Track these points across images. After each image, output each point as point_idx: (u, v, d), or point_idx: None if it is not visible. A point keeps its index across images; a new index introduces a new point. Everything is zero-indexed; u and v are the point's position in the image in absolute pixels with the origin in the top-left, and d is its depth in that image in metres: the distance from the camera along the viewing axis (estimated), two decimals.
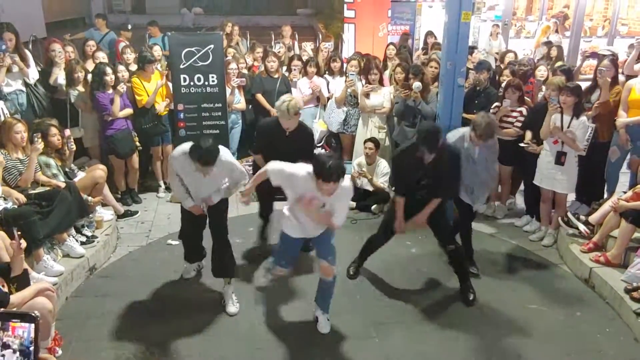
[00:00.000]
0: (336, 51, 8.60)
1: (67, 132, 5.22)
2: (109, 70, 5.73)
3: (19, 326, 2.72)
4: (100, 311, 4.20)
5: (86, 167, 5.64)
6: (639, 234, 4.63)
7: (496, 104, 5.65)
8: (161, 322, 4.09)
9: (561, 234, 5.24)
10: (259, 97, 6.73)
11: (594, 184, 5.62)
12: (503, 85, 5.89)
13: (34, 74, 5.72)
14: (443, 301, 4.44)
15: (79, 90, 5.83)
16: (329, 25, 13.21)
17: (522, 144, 5.37)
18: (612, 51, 6.50)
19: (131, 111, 5.94)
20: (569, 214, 5.18)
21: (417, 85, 5.74)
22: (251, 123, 6.91)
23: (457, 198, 4.64)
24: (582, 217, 5.15)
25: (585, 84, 5.42)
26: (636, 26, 11.42)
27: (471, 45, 7.29)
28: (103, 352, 3.75)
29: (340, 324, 4.06)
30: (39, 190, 4.59)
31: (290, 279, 4.68)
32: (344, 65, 7.09)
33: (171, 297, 4.41)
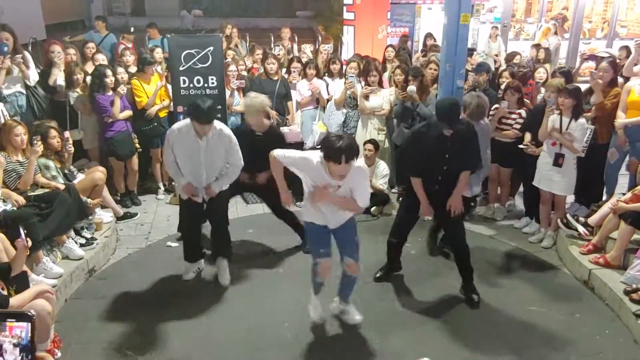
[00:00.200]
0: (335, 53, 8.61)
1: (66, 134, 5.22)
2: (109, 72, 5.74)
3: (16, 326, 2.73)
4: (100, 313, 4.20)
5: (85, 169, 5.65)
6: (638, 235, 4.63)
7: (495, 106, 5.67)
8: (160, 324, 4.09)
9: (560, 236, 5.24)
10: None
11: (593, 185, 5.63)
12: (502, 86, 5.91)
13: (33, 75, 5.73)
14: (443, 302, 4.43)
15: (78, 92, 5.84)
16: (328, 27, 13.20)
17: (521, 146, 5.39)
18: (611, 53, 6.51)
19: (131, 113, 5.94)
20: (568, 216, 5.19)
21: (411, 88, 5.77)
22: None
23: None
24: (582, 219, 5.16)
25: (584, 86, 5.42)
26: (635, 28, 11.44)
27: (470, 47, 7.31)
28: (102, 354, 3.74)
29: (340, 325, 4.06)
30: (38, 192, 4.60)
31: (289, 280, 4.70)
32: (344, 67, 7.09)
33: (170, 299, 4.40)
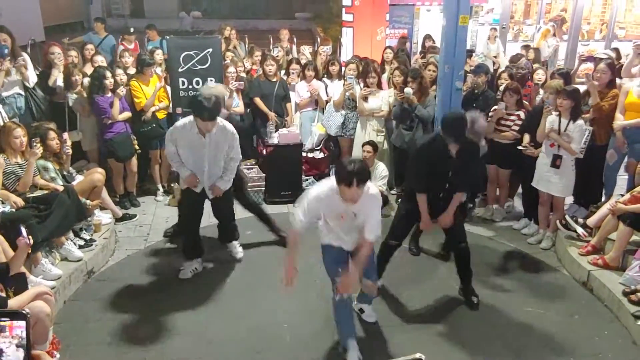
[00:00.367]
0: (334, 55, 8.63)
1: (65, 136, 5.22)
2: (108, 73, 5.74)
3: (16, 326, 2.73)
4: (98, 315, 4.20)
5: (84, 170, 5.64)
6: (636, 236, 4.63)
7: (495, 107, 5.67)
8: (159, 326, 4.08)
9: (559, 237, 5.24)
10: (257, 100, 6.74)
11: (592, 186, 5.63)
12: (501, 88, 5.92)
13: (32, 77, 5.72)
14: (442, 304, 4.44)
15: (77, 94, 5.84)
16: (327, 28, 13.22)
17: (520, 147, 5.39)
18: (609, 54, 6.51)
19: (130, 114, 5.94)
20: (567, 217, 5.19)
21: (407, 90, 5.78)
22: (250, 126, 6.93)
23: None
24: (580, 220, 5.17)
25: (582, 88, 5.43)
26: (634, 29, 11.46)
27: (469, 48, 7.31)
28: (101, 356, 3.74)
29: None
30: (37, 193, 4.59)
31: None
32: (342, 68, 7.11)
33: (170, 301, 4.39)
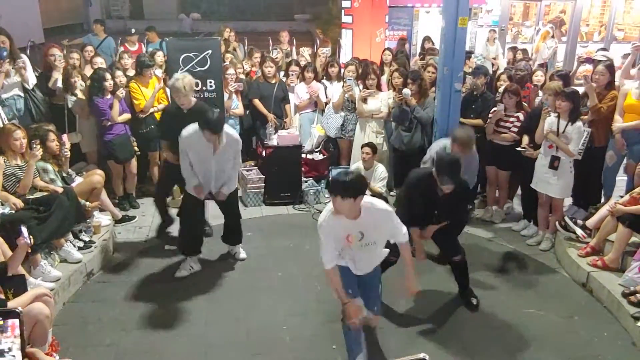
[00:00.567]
0: (334, 56, 8.65)
1: (64, 138, 5.22)
2: (108, 75, 5.73)
3: (18, 325, 2.74)
4: (98, 316, 4.19)
5: (84, 172, 5.64)
6: (636, 238, 4.64)
7: (494, 109, 5.68)
8: (158, 327, 4.08)
9: (558, 238, 5.25)
10: (257, 102, 6.75)
11: (591, 188, 5.65)
12: (500, 90, 5.93)
13: (31, 79, 5.72)
14: (441, 305, 4.43)
15: (76, 95, 5.84)
16: (326, 30, 13.23)
17: (519, 149, 5.40)
18: (608, 56, 6.52)
19: (130, 116, 5.94)
20: (566, 218, 5.19)
21: (405, 91, 5.79)
22: (249, 128, 6.93)
23: None
24: (580, 222, 5.17)
25: (581, 89, 5.44)
26: (632, 31, 11.48)
27: (468, 50, 7.32)
28: (100, 358, 3.74)
29: (338, 330, 4.04)
30: (37, 195, 4.58)
31: (287, 282, 4.69)
32: (342, 70, 7.11)
33: (169, 302, 4.39)
